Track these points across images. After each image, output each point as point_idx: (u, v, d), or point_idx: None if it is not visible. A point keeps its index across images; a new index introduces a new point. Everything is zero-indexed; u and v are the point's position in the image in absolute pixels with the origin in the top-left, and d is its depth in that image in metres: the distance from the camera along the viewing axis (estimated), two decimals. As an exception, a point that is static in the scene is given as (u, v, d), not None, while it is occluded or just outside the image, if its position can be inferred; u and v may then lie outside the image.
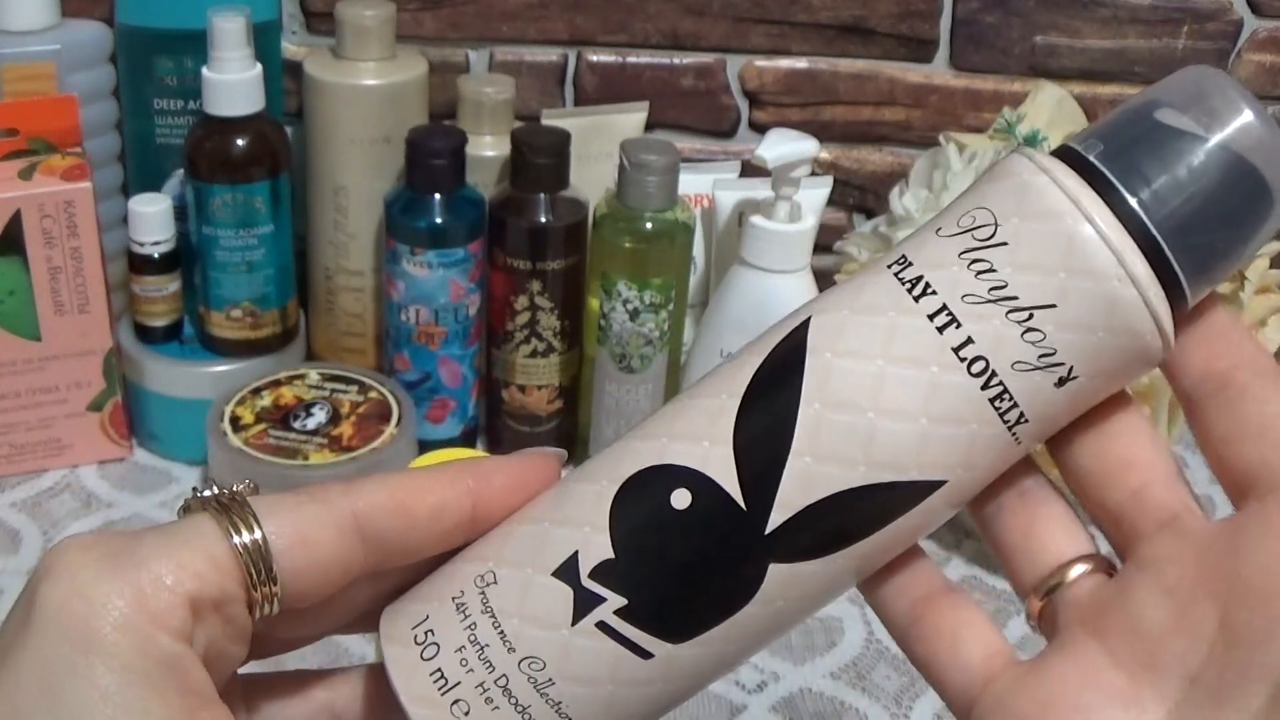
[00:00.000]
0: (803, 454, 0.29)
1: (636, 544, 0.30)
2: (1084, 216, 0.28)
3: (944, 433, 0.29)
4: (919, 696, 0.63)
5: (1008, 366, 0.28)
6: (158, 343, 0.77)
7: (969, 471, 0.29)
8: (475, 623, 0.30)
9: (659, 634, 0.30)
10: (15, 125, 0.73)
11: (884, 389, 0.29)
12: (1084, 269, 0.28)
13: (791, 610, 0.31)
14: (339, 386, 0.75)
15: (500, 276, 0.76)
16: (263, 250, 0.75)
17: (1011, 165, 0.29)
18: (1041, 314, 0.28)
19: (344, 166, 0.78)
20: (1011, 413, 0.29)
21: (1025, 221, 0.28)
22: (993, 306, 0.28)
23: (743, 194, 0.81)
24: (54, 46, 0.74)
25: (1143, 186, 0.28)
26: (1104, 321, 0.28)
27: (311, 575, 0.30)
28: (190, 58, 0.75)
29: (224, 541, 0.28)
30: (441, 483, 0.31)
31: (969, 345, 0.28)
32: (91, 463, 0.77)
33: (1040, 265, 0.28)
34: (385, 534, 0.30)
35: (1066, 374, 0.29)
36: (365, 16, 0.76)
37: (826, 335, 0.30)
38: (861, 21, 0.86)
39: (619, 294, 0.74)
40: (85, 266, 0.71)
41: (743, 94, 0.88)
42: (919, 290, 0.29)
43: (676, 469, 0.30)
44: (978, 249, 0.29)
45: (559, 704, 0.30)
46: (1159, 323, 0.28)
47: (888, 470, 0.29)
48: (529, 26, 0.85)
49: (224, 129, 0.72)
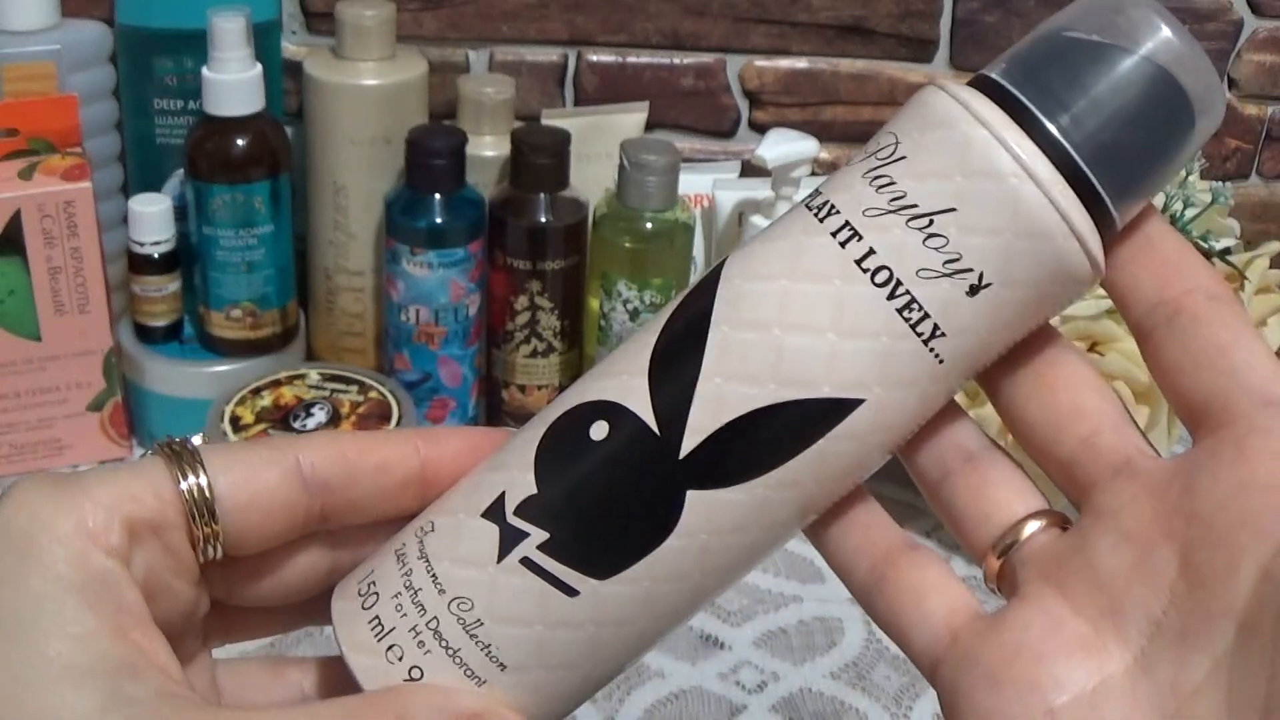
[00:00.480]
0: (712, 376, 0.29)
1: (557, 477, 0.30)
2: (978, 120, 0.28)
3: (853, 346, 0.28)
4: (919, 696, 0.63)
5: (912, 274, 0.28)
6: (158, 343, 0.77)
7: (888, 390, 0.29)
8: (411, 568, 0.31)
9: (582, 568, 0.30)
10: (15, 125, 0.72)
11: (789, 305, 0.29)
12: (980, 169, 0.28)
13: (720, 547, 0.30)
14: (339, 386, 0.75)
15: (500, 276, 0.76)
16: (263, 250, 0.75)
17: (920, 94, 0.30)
18: (942, 218, 0.28)
19: (344, 166, 0.78)
20: (924, 324, 0.28)
21: (923, 134, 0.28)
22: (893, 216, 0.28)
23: (743, 194, 0.81)
24: (54, 46, 0.74)
25: (1052, 102, 0.28)
26: (1008, 222, 0.28)
27: (254, 515, 0.30)
28: (190, 58, 0.75)
29: (168, 477, 0.30)
30: (389, 440, 0.32)
31: (871, 256, 0.28)
32: (91, 463, 0.77)
33: (937, 171, 0.28)
34: (330, 484, 0.31)
35: (978, 281, 0.28)
36: (365, 16, 0.76)
37: (737, 264, 0.30)
38: (862, 21, 0.86)
39: (619, 294, 0.74)
40: (85, 266, 0.71)
41: (743, 94, 0.88)
42: (824, 213, 0.29)
43: (596, 403, 0.30)
44: (879, 166, 0.29)
45: (488, 646, 0.30)
46: (1074, 228, 0.28)
47: (798, 387, 0.29)
48: (529, 26, 0.85)
49: (224, 129, 0.72)
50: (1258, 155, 0.93)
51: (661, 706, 0.62)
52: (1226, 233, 0.74)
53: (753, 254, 0.30)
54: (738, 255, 0.30)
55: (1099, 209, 0.28)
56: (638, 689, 0.62)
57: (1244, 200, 0.92)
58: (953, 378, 0.29)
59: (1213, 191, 0.72)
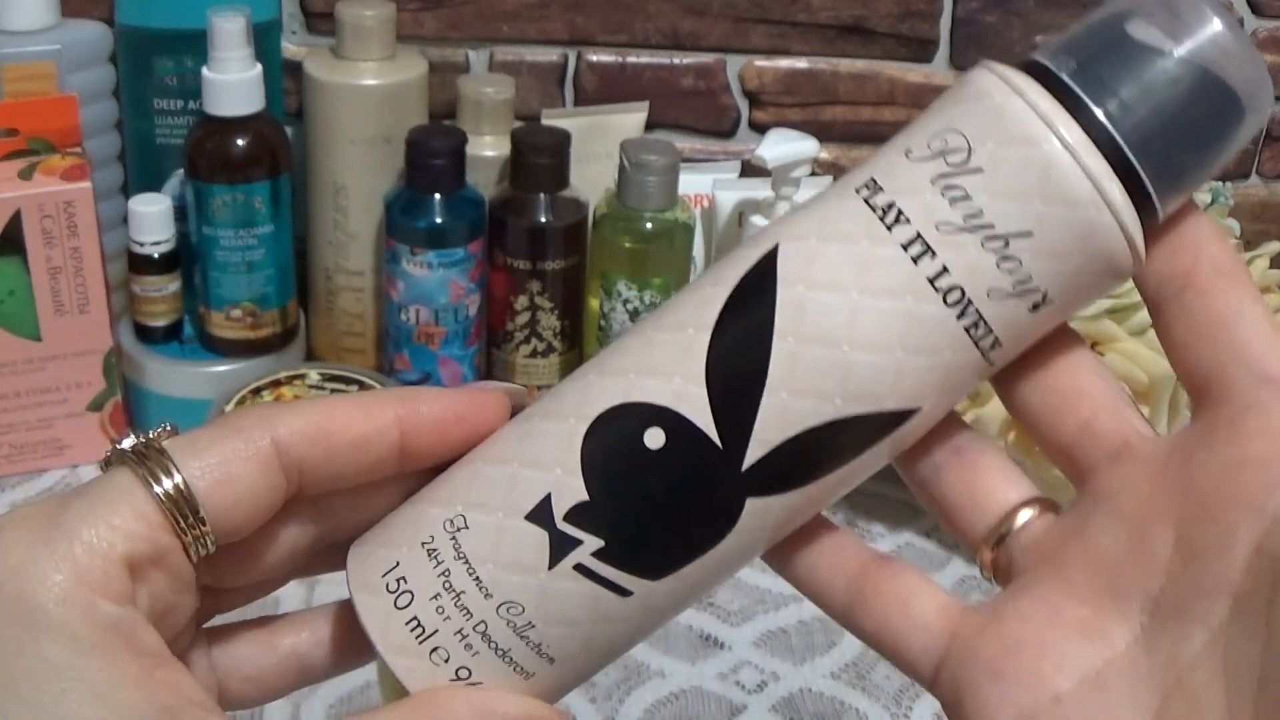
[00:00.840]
0: (778, 389, 0.29)
1: (611, 485, 0.29)
2: (1060, 141, 0.27)
3: (919, 363, 0.28)
4: (919, 697, 0.63)
5: (983, 295, 0.28)
6: (158, 343, 0.77)
7: (942, 396, 0.29)
8: (449, 569, 0.30)
9: (637, 573, 0.30)
10: (15, 125, 0.72)
11: (859, 322, 0.28)
12: (1061, 196, 0.27)
13: (764, 540, 0.31)
14: (339, 386, 0.75)
15: (500, 276, 0.76)
16: (263, 250, 0.75)
17: (982, 83, 0.29)
18: (1017, 242, 0.28)
19: (344, 166, 0.78)
20: (986, 339, 0.29)
21: (1000, 147, 0.28)
22: (968, 235, 0.28)
23: (743, 194, 0.81)
24: (54, 46, 0.74)
25: (1113, 103, 0.28)
26: (1079, 247, 0.28)
27: (239, 510, 0.29)
28: (190, 58, 0.75)
29: (146, 493, 0.28)
30: (366, 410, 0.31)
31: (944, 275, 0.28)
32: (91, 463, 0.77)
33: (1016, 192, 0.28)
34: (306, 460, 0.30)
35: (1041, 299, 0.28)
36: (365, 16, 0.76)
37: (797, 265, 0.29)
38: (861, 21, 0.86)
39: (619, 294, 0.74)
40: (85, 266, 0.71)
41: (743, 94, 0.88)
42: (891, 218, 0.28)
43: (648, 407, 0.29)
44: (951, 174, 0.28)
45: (539, 645, 0.30)
46: (1133, 243, 0.28)
47: (864, 403, 0.29)
48: (529, 26, 0.85)
49: (224, 129, 0.72)
50: (1258, 155, 0.93)
51: (661, 706, 0.61)
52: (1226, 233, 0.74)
53: (814, 256, 0.29)
54: (794, 251, 0.29)
55: (1147, 207, 0.28)
56: (638, 689, 0.62)
57: (1244, 200, 0.92)
58: (993, 372, 0.30)
59: (1213, 191, 0.72)
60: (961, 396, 0.30)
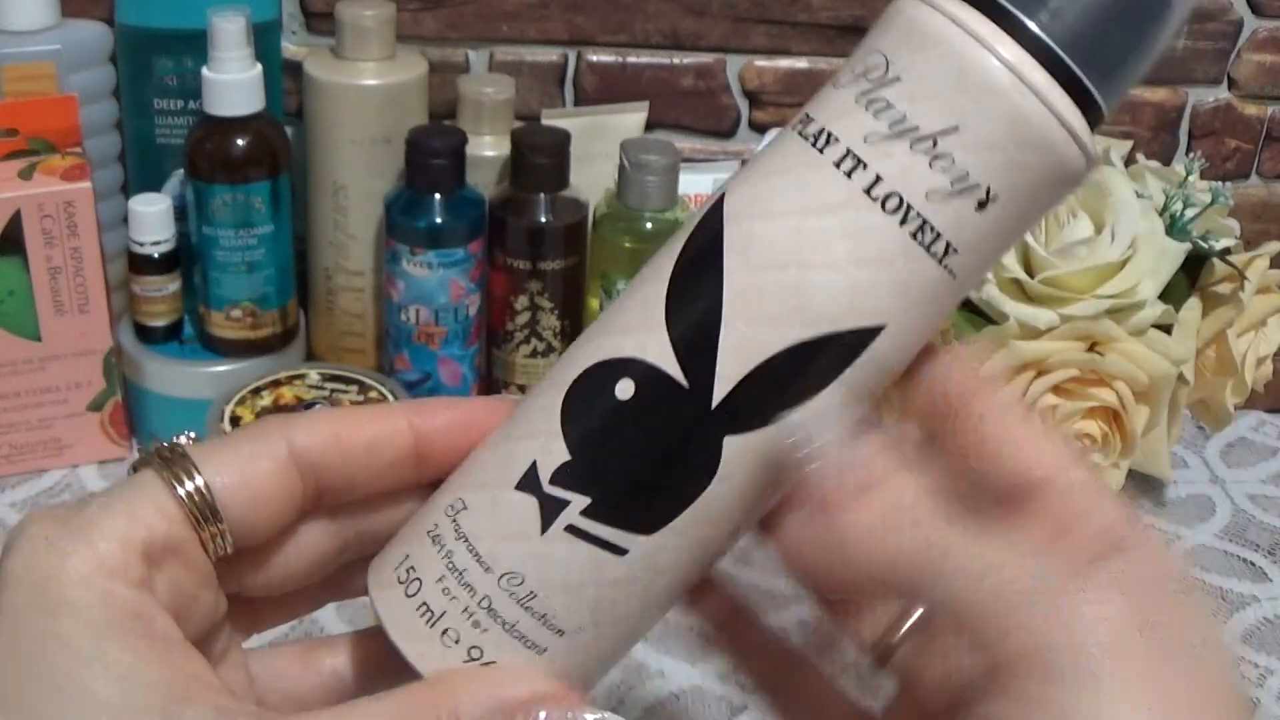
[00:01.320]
0: (734, 321, 0.29)
1: (590, 441, 0.30)
2: (971, 36, 0.28)
3: (871, 275, 0.28)
4: (919, 696, 0.63)
5: (922, 198, 0.28)
6: (158, 343, 0.77)
7: (907, 311, 0.29)
8: (451, 550, 0.31)
9: (628, 527, 0.30)
10: (15, 125, 0.73)
11: (803, 242, 0.28)
12: (979, 86, 0.28)
13: (756, 484, 0.30)
14: (339, 386, 0.75)
15: (500, 276, 0.76)
16: (263, 250, 0.75)
17: (896, 5, 0.29)
18: (946, 139, 0.28)
19: (344, 166, 0.78)
20: (937, 244, 0.28)
21: (915, 53, 0.28)
22: (895, 141, 0.28)
23: (743, 194, 0.81)
24: (54, 46, 0.74)
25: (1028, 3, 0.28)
26: (1011, 135, 0.28)
27: (257, 511, 0.30)
28: (190, 58, 0.75)
29: (167, 491, 0.29)
30: (379, 416, 0.32)
31: (879, 184, 0.28)
32: (91, 463, 0.77)
33: (935, 91, 0.28)
34: (322, 465, 0.31)
35: (986, 195, 0.28)
36: (365, 16, 0.76)
37: (742, 204, 0.29)
38: (861, 21, 0.86)
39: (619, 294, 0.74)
40: (85, 266, 0.71)
41: (743, 94, 0.88)
42: (822, 142, 0.29)
43: (617, 361, 0.30)
44: (873, 89, 0.28)
45: (544, 615, 0.30)
46: (1071, 131, 0.28)
47: (822, 323, 0.29)
48: (529, 26, 0.85)
49: (224, 129, 0.72)
50: (1258, 155, 0.93)
51: (661, 706, 0.61)
52: (1226, 233, 0.74)
53: (755, 190, 0.29)
54: (737, 192, 0.30)
55: (1089, 104, 0.28)
56: (638, 689, 0.62)
57: (1244, 200, 0.92)
58: (964, 289, 0.30)
59: (1213, 191, 0.72)
60: (933, 313, 0.30)
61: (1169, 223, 0.71)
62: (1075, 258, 0.68)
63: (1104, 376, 0.66)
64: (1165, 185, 0.73)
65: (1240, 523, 0.82)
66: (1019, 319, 0.66)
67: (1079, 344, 0.67)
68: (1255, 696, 0.69)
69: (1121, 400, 0.67)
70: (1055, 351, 0.66)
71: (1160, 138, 0.91)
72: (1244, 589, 0.77)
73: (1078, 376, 0.66)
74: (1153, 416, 0.68)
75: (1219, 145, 0.92)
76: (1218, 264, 0.72)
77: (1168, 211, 0.72)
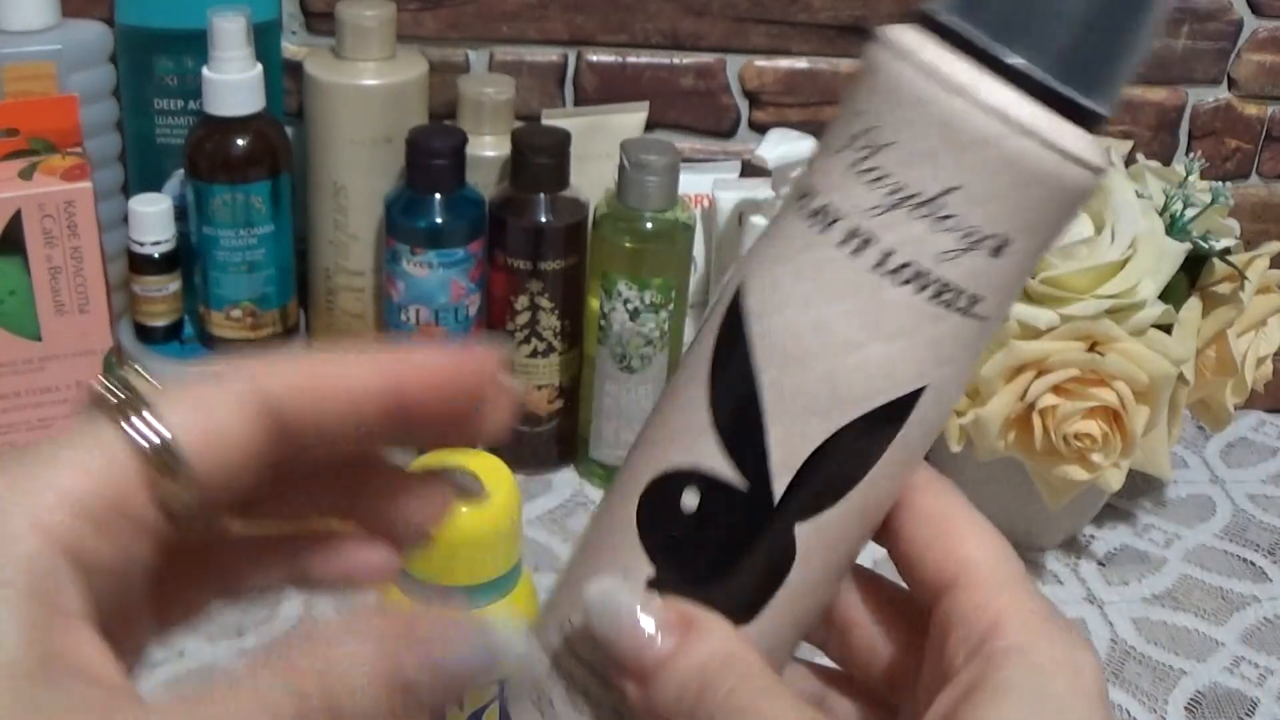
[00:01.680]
0: (778, 420, 0.29)
1: (671, 556, 0.30)
2: (951, 90, 0.27)
3: (902, 347, 0.28)
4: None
5: (935, 260, 0.28)
6: (158, 343, 0.77)
7: (943, 366, 0.29)
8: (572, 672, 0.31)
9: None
10: (15, 125, 0.72)
11: (825, 333, 0.28)
12: (971, 142, 0.27)
13: (840, 553, 0.31)
14: (339, 386, 0.75)
15: (500, 276, 0.76)
16: (263, 250, 0.75)
17: (875, 57, 0.28)
18: (948, 199, 0.27)
19: (344, 166, 0.78)
20: (960, 300, 0.28)
21: (902, 115, 0.27)
22: (896, 211, 0.28)
23: (743, 194, 0.81)
24: (54, 46, 0.74)
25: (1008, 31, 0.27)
26: (1013, 181, 0.27)
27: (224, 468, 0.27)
28: (190, 58, 0.75)
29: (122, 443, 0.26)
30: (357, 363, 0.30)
31: (890, 257, 0.28)
32: (91, 463, 0.77)
33: (928, 154, 0.27)
34: (296, 415, 0.29)
35: (1000, 242, 0.28)
36: (365, 16, 0.76)
37: (759, 297, 0.29)
38: (861, 21, 0.86)
39: (619, 294, 0.74)
40: (85, 266, 0.71)
41: (743, 94, 0.88)
42: (825, 221, 0.28)
43: (675, 473, 0.30)
44: (865, 158, 0.28)
45: None
46: (1071, 155, 0.27)
47: (863, 403, 0.29)
48: (529, 26, 0.85)
49: (224, 129, 0.72)
50: (1258, 155, 0.93)
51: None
52: (1226, 233, 0.74)
53: (765, 283, 0.29)
54: (755, 286, 0.30)
55: (1086, 115, 0.28)
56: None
57: (1244, 200, 0.92)
58: (997, 324, 0.30)
59: (1213, 191, 0.72)
60: (971, 356, 0.30)
61: (1169, 223, 0.71)
62: (1075, 257, 0.68)
63: (1104, 376, 0.66)
64: (1165, 185, 0.73)
65: (1240, 523, 0.82)
66: (1019, 319, 0.66)
67: (1079, 344, 0.67)
68: (1255, 696, 0.69)
69: (1121, 400, 0.66)
70: (1055, 351, 0.66)
71: (1160, 138, 0.91)
72: (1244, 589, 0.77)
73: (1078, 376, 0.66)
74: (1153, 416, 0.68)
75: (1219, 145, 0.92)
76: (1218, 264, 0.72)
77: (1168, 211, 0.72)
